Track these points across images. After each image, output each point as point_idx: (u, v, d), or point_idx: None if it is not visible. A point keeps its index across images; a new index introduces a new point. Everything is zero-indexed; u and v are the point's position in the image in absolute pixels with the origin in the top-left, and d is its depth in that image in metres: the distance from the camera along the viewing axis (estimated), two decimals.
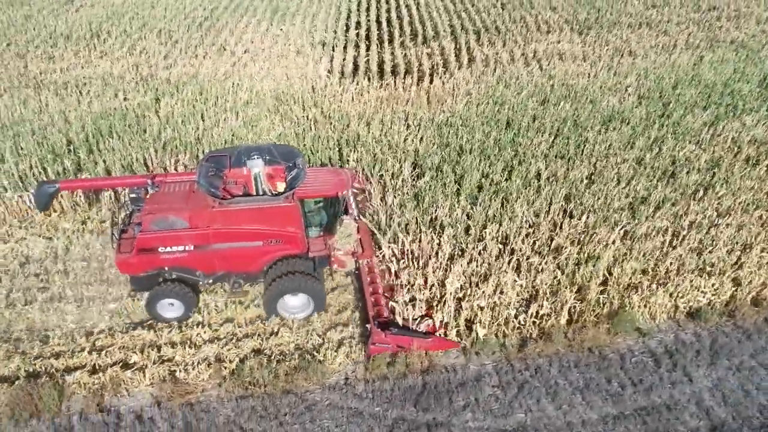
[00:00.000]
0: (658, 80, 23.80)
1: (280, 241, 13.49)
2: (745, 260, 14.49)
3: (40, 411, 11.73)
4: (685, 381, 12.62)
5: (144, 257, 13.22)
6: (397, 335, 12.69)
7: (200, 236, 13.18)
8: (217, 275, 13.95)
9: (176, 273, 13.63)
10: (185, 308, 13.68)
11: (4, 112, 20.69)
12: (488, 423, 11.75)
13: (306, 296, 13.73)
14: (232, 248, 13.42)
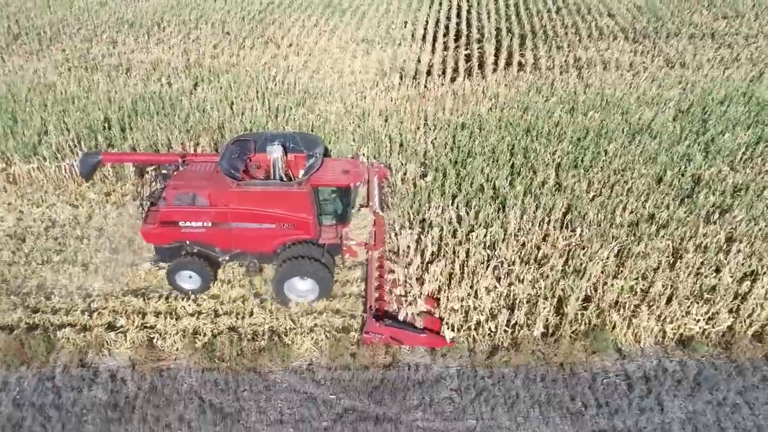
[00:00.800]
0: (705, 94, 22.41)
1: (293, 225, 13.91)
2: (751, 291, 13.49)
3: (30, 360, 12.86)
4: (656, 409, 12.01)
5: (166, 229, 14.06)
6: (390, 327, 12.83)
7: (218, 214, 13.78)
8: (234, 253, 14.61)
9: (197, 248, 14.42)
10: (202, 281, 14.40)
11: (59, 89, 22.58)
12: (437, 425, 11.70)
13: (313, 281, 14.06)
14: (247, 228, 13.98)
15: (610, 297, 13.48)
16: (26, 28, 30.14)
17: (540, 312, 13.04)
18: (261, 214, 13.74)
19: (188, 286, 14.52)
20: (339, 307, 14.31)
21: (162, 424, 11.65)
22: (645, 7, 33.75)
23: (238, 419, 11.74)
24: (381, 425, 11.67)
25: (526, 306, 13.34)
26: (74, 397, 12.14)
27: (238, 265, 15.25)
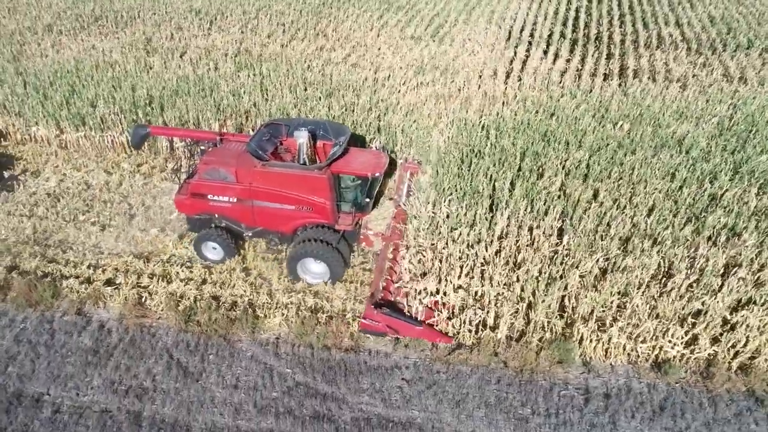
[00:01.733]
0: (758, 113, 20.82)
1: (311, 209, 14.62)
2: (741, 319, 12.61)
3: (37, 303, 14.38)
4: (607, 428, 11.59)
5: (196, 201, 15.23)
6: (388, 316, 12.94)
7: (243, 191, 14.71)
8: (257, 230, 15.57)
9: (225, 222, 15.49)
10: (225, 253, 15.44)
11: (118, 68, 24.62)
12: (379, 410, 11.95)
13: (325, 265, 14.68)
14: (269, 207, 14.83)
15: (584, 309, 13.07)
16: (107, 11, 32.92)
17: (504, 314, 12.89)
18: (281, 195, 14.50)
19: (212, 257, 15.56)
20: (318, 290, 14.81)
21: (131, 374, 12.69)
22: (719, 18, 31.59)
23: (198, 379, 12.56)
24: (326, 403, 12.07)
25: (495, 308, 13.22)
26: (64, 340, 13.48)
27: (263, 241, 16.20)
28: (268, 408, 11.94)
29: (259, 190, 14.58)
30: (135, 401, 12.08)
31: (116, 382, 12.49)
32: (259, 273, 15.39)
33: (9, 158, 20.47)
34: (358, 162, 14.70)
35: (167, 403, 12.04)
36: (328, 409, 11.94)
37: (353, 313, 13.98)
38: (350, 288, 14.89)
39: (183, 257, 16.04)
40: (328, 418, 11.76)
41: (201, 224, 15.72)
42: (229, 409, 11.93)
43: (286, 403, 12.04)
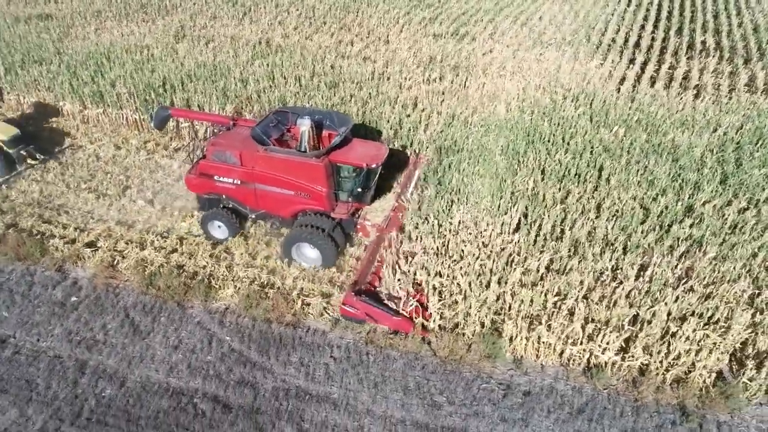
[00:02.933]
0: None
1: (308, 195, 15.02)
2: (682, 332, 12.22)
3: (25, 257, 15.83)
4: (519, 423, 11.59)
5: (203, 180, 15.94)
6: (366, 303, 13.05)
7: (246, 174, 15.22)
8: (259, 213, 16.19)
9: (232, 203, 16.18)
10: (229, 232, 16.21)
11: (146, 52, 26.28)
12: (301, 383, 12.46)
13: (317, 251, 15.05)
14: (270, 191, 15.30)
15: (516, 306, 13.01)
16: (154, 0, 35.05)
17: (435, 304, 13.06)
18: (281, 180, 14.94)
19: (216, 234, 16.36)
20: (275, 267, 15.46)
21: (88, 327, 13.81)
22: (763, 28, 29.82)
23: (145, 338, 13.50)
24: (253, 371, 12.70)
25: (435, 298, 13.36)
26: (39, 292, 14.81)
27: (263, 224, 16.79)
28: (200, 370, 12.70)
29: (261, 174, 15.07)
30: (85, 351, 13.16)
31: (73, 332, 13.64)
32: (226, 247, 16.21)
33: (63, 133, 22.21)
34: (356, 152, 14.96)
35: (112, 356, 13.05)
36: (253, 377, 12.57)
37: (301, 291, 14.52)
38: (304, 269, 15.41)
39: (161, 227, 17.09)
40: (252, 385, 12.39)
41: (210, 204, 16.50)
42: (164, 366, 12.79)
43: (216, 368, 12.77)
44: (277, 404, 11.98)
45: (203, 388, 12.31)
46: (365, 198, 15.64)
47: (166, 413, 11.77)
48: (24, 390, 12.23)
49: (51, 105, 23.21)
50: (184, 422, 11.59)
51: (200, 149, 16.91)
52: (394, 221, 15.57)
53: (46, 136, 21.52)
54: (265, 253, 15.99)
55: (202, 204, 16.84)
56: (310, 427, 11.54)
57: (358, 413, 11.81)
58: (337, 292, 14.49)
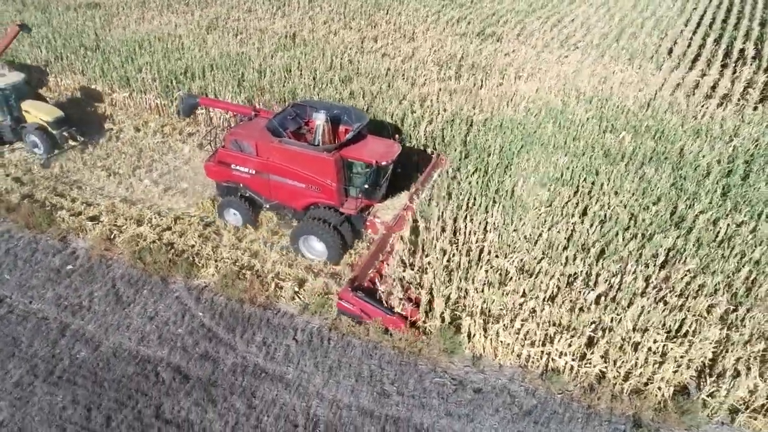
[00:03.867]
0: None
1: (319, 189, 15.07)
2: (643, 343, 11.88)
3: (34, 227, 16.99)
4: (464, 419, 11.60)
5: (221, 168, 16.40)
6: (362, 300, 13.09)
7: (260, 164, 15.49)
8: (273, 203, 16.51)
9: (249, 192, 16.51)
10: (243, 219, 16.75)
11: (176, 42, 27.46)
12: (259, 361, 12.88)
13: (323, 244, 15.18)
14: (282, 182, 15.49)
15: (478, 304, 12.94)
16: None
17: (396, 296, 13.17)
18: (293, 172, 15.10)
19: (231, 221, 16.92)
20: (257, 250, 15.97)
21: (77, 293, 14.72)
22: None
23: (125, 308, 14.28)
24: (217, 346, 13.23)
25: (399, 289, 13.50)
26: (41, 258, 15.88)
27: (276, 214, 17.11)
28: (168, 341, 13.34)
29: (275, 165, 15.32)
30: (69, 315, 14.06)
31: (62, 297, 14.58)
32: (217, 229, 16.85)
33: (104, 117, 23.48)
34: (368, 149, 14.94)
35: (92, 322, 13.88)
36: (216, 352, 13.09)
37: (277, 275, 14.95)
38: (285, 254, 15.84)
39: (162, 206, 17.94)
40: (213, 360, 12.91)
41: (228, 191, 16.92)
42: (137, 335, 13.50)
43: (184, 340, 13.37)
44: (233, 379, 12.44)
45: (168, 358, 12.92)
46: (375, 195, 15.56)
47: (130, 378, 12.44)
48: (9, 346, 13.20)
49: (95, 90, 24.40)
50: (144, 388, 12.23)
51: (219, 138, 17.37)
52: (403, 220, 15.31)
53: (88, 120, 22.56)
54: (252, 236, 16.51)
55: (222, 191, 17.20)
56: (260, 403, 11.92)
57: (309, 395, 12.11)
58: (311, 278, 14.83)
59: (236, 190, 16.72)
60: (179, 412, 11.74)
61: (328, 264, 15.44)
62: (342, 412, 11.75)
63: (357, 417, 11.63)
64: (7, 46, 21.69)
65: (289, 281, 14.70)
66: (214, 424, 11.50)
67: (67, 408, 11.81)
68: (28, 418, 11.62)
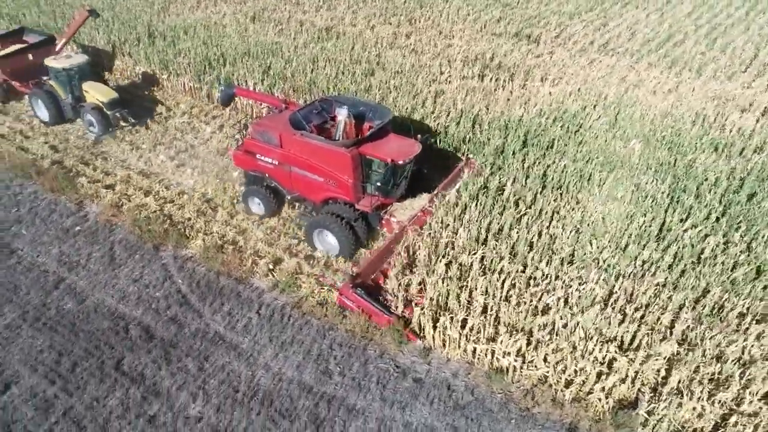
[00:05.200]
0: None
1: (336, 184, 15.08)
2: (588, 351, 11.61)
3: (57, 190, 18.60)
4: (395, 405, 11.80)
5: (247, 158, 16.66)
6: (360, 298, 13.14)
7: (283, 155, 15.68)
8: (294, 195, 16.60)
9: (274, 183, 16.71)
10: (265, 210, 16.91)
11: (219, 30, 28.92)
12: (221, 329, 13.62)
13: (336, 239, 15.21)
14: (302, 175, 15.61)
15: (431, 295, 13.03)
16: None
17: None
18: (312, 165, 15.25)
19: (255, 210, 17.22)
20: (246, 227, 16.74)
21: (78, 252, 16.06)
22: None
23: (115, 269, 15.45)
24: (186, 312, 14.10)
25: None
26: (56, 219, 17.42)
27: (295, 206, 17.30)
28: (144, 302, 14.35)
29: (296, 158, 15.45)
30: (66, 271, 15.40)
31: (65, 254, 15.97)
32: (214, 206, 17.78)
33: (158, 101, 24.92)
34: (387, 147, 14.82)
35: (84, 278, 15.14)
36: (183, 317, 13.95)
37: (256, 252, 15.66)
38: (269, 233, 16.52)
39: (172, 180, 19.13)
40: (179, 323, 13.77)
41: (255, 181, 17.25)
42: (119, 294, 14.61)
43: (159, 303, 14.34)
44: (192, 343, 13.24)
45: (140, 318, 13.92)
46: (393, 194, 15.41)
47: (102, 332, 13.52)
48: (9, 292, 14.67)
49: (153, 75, 25.73)
50: (112, 341, 13.26)
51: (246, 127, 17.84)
52: (419, 222, 15.14)
53: (141, 103, 23.99)
54: (242, 216, 17.29)
55: (249, 180, 17.38)
56: (210, 367, 12.64)
57: (257, 365, 12.70)
58: (287, 257, 15.43)
59: (262, 180, 16.83)
60: (136, 366, 12.66)
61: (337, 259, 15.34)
62: (283, 384, 12.26)
63: (295, 391, 12.09)
64: (76, 30, 23.63)
65: (266, 259, 15.36)
66: (163, 381, 12.33)
67: (44, 351, 13.02)
68: (9, 356, 12.92)
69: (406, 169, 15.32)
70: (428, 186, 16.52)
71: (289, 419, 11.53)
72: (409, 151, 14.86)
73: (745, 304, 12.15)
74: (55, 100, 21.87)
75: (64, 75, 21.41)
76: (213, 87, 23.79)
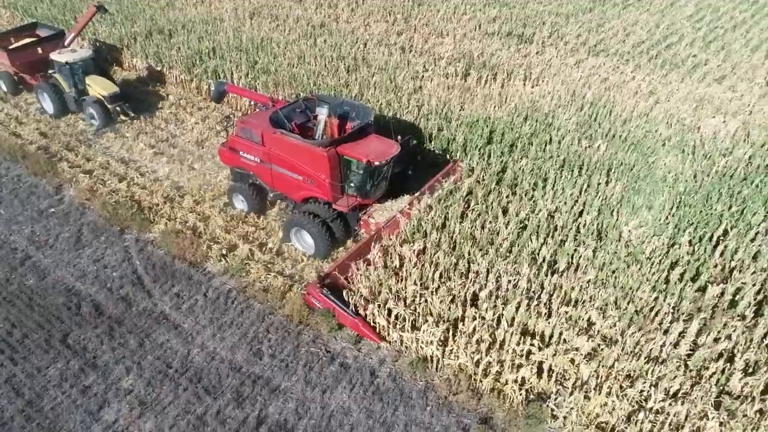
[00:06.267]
0: None
1: (314, 182, 15.16)
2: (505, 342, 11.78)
3: (40, 174, 19.49)
4: (317, 388, 12.19)
5: (232, 154, 16.80)
6: (326, 298, 13.24)
7: (265, 153, 15.76)
8: (277, 193, 16.80)
9: (258, 181, 16.85)
10: (248, 206, 17.10)
11: (217, 25, 29.65)
12: (167, 309, 14.21)
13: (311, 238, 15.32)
14: (282, 173, 15.71)
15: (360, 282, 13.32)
16: None
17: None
18: (292, 164, 15.33)
19: (239, 206, 17.48)
20: (210, 215, 17.29)
21: (48, 232, 16.89)
22: None
23: (78, 249, 16.21)
24: (138, 291, 14.74)
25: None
26: (33, 201, 18.34)
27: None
28: (100, 281, 15.05)
29: (276, 156, 15.56)
30: (34, 249, 16.23)
31: (35, 234, 16.83)
32: (183, 193, 18.38)
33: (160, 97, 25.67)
34: (365, 147, 14.74)
35: (49, 257, 15.93)
36: (134, 296, 14.58)
37: (214, 239, 16.21)
38: (229, 220, 17.05)
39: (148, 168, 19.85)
40: (129, 302, 14.40)
41: (241, 177, 17.49)
42: (78, 273, 15.35)
43: (113, 282, 15.02)
44: (138, 321, 13.85)
45: (94, 295, 14.61)
46: (370, 194, 15.37)
47: (56, 307, 14.24)
48: None
49: (158, 71, 26.34)
50: (63, 316, 13.95)
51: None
52: (395, 224, 15.01)
53: (142, 98, 24.52)
54: (208, 204, 17.84)
55: (235, 176, 17.56)
56: (149, 344, 13.21)
57: (193, 345, 13.22)
58: (241, 244, 15.92)
59: (247, 177, 16.93)
60: (82, 340, 13.32)
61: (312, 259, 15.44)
62: (214, 363, 12.75)
63: (224, 369, 12.57)
64: (85, 25, 24.37)
65: (221, 245, 15.88)
66: (104, 355, 12.94)
67: None
68: None
69: (383, 171, 15.20)
70: (412, 188, 16.27)
71: (213, 396, 12.00)
72: (387, 153, 14.65)
73: (671, 304, 12.11)
74: (59, 93, 22.62)
75: (67, 69, 22.01)
76: (201, 80, 24.53)
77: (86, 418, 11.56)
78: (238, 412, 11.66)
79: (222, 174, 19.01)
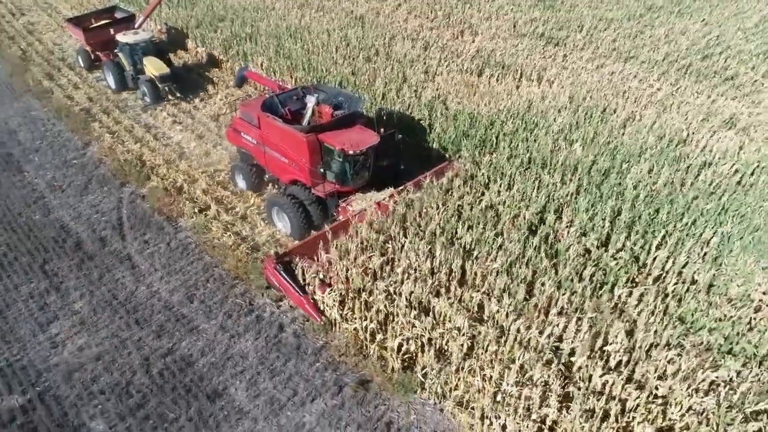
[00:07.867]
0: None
1: (296, 166, 16.02)
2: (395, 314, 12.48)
3: (75, 130, 22.42)
4: (229, 333, 13.47)
5: (235, 135, 18.10)
6: (278, 275, 13.62)
7: (259, 135, 16.83)
8: (270, 174, 17.80)
9: (257, 161, 17.87)
10: (246, 184, 18.34)
11: (267, 12, 31.79)
12: (132, 252, 16.18)
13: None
14: (273, 155, 16.62)
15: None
16: None
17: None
18: (280, 147, 16.22)
19: (240, 185, 18.79)
20: (197, 178, 19.14)
21: (65, 179, 19.54)
22: None
23: (84, 195, 18.64)
24: (114, 235, 16.87)
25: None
26: (63, 153, 21.19)
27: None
28: (90, 222, 17.38)
29: (268, 138, 16.51)
30: (48, 191, 18.93)
31: (55, 179, 19.55)
32: (180, 155, 20.42)
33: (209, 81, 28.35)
34: (344, 136, 15.21)
35: (57, 199, 18.53)
36: (111, 239, 16.71)
37: (192, 198, 18.03)
38: (211, 182, 18.80)
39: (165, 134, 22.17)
40: (104, 242, 16.57)
41: (244, 158, 18.38)
42: (75, 214, 17.78)
43: (99, 225, 17.26)
44: (106, 258, 15.92)
45: (80, 233, 16.89)
46: (349, 182, 15.80)
47: (47, 239, 16.67)
48: (2, 199, 18.40)
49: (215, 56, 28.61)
50: (49, 247, 16.32)
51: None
52: (367, 213, 15.08)
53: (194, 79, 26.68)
54: (202, 170, 19.71)
55: (241, 157, 18.56)
56: (107, 278, 15.21)
57: (143, 284, 15.03)
58: (213, 204, 17.58)
59: (250, 157, 17.83)
60: (56, 269, 15.56)
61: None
62: (153, 300, 14.47)
63: (158, 306, 14.26)
64: (153, 8, 27.17)
65: (195, 204, 17.67)
66: (69, 281, 15.08)
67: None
68: None
69: (362, 160, 15.61)
70: (402, 182, 16.33)
71: (140, 326, 13.70)
72: (364, 142, 15.11)
73: (566, 299, 12.17)
74: (120, 70, 25.06)
75: (128, 49, 24.35)
76: (234, 62, 26.70)
77: (36, 329, 13.68)
78: (155, 341, 13.27)
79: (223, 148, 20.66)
